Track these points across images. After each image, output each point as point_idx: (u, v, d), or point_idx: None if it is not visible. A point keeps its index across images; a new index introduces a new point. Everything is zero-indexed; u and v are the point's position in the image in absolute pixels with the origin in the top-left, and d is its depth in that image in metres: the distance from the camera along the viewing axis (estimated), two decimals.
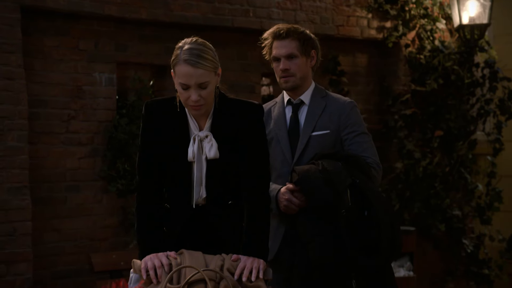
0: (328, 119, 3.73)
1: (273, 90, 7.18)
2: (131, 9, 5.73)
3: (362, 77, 7.16)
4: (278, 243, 3.74)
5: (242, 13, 6.23)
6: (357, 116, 3.77)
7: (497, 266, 7.50)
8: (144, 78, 6.08)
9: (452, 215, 7.28)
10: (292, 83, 3.75)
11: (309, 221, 3.56)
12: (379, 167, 3.73)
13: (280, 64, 3.74)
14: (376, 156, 3.74)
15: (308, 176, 3.55)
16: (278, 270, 3.71)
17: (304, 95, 3.79)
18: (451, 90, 7.26)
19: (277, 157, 3.75)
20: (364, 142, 3.74)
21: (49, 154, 5.58)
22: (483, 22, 7.12)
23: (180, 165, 3.19)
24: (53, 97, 5.58)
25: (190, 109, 3.14)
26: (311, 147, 3.70)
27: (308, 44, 3.75)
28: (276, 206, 3.65)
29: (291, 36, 3.73)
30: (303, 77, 3.76)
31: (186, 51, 3.09)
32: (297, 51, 3.73)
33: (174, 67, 3.13)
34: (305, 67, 3.76)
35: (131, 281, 3.18)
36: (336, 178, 3.52)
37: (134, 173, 5.78)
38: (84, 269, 5.64)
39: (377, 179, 3.73)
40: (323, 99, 3.78)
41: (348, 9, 6.87)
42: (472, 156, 7.39)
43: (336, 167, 3.55)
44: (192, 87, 3.08)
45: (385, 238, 3.48)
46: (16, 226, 5.24)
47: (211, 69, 3.10)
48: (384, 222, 3.49)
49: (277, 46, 3.75)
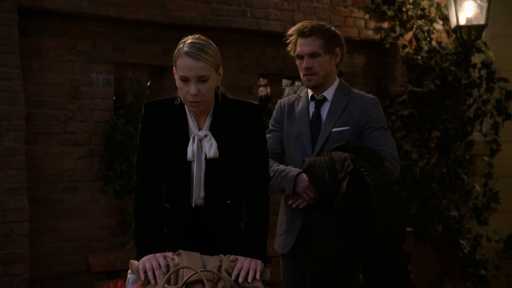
0: (349, 116, 3.76)
1: (270, 91, 7.18)
2: (129, 10, 5.72)
3: (359, 78, 7.17)
4: (294, 238, 3.77)
5: (239, 14, 6.23)
6: (378, 112, 3.80)
7: (494, 267, 7.51)
8: (141, 78, 6.08)
9: (449, 216, 7.29)
10: (314, 82, 3.78)
11: (321, 215, 3.59)
12: (396, 160, 3.74)
13: (303, 62, 3.76)
14: (393, 150, 3.76)
15: (314, 166, 3.62)
16: (293, 265, 3.75)
17: (327, 92, 3.82)
18: (448, 91, 7.27)
19: (298, 151, 3.80)
20: (382, 136, 3.76)
21: (46, 154, 5.57)
22: (480, 23, 7.13)
23: (180, 165, 3.19)
24: (51, 98, 5.58)
25: (189, 105, 3.14)
26: (331, 143, 3.73)
27: (332, 42, 3.77)
28: (292, 186, 3.67)
29: (315, 34, 3.74)
30: (326, 75, 3.79)
31: (188, 45, 3.11)
32: (321, 50, 3.75)
33: (175, 61, 3.14)
34: (328, 65, 3.78)
35: (129, 281, 3.18)
36: (339, 166, 3.55)
37: (132, 173, 5.79)
38: (81, 270, 5.64)
39: (393, 172, 3.73)
40: (346, 96, 3.81)
41: (346, 9, 6.88)
42: (469, 157, 7.40)
43: (341, 156, 3.59)
44: (191, 80, 3.09)
45: (378, 227, 3.48)
46: (14, 227, 5.23)
47: (212, 64, 3.11)
48: (379, 211, 3.49)
49: (301, 43, 3.77)
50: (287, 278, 3.86)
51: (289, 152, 3.86)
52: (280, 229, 3.88)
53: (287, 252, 3.80)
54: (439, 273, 7.42)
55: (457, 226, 7.34)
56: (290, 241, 3.79)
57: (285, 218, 3.86)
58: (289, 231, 3.80)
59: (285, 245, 3.82)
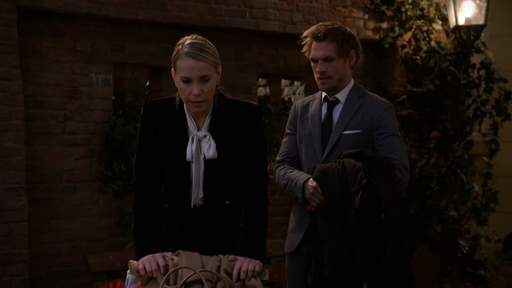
0: (361, 119, 3.75)
1: (269, 91, 7.18)
2: (128, 10, 5.72)
3: (358, 78, 7.16)
4: (300, 238, 3.78)
5: (238, 14, 6.23)
6: (391, 117, 3.79)
7: (493, 267, 7.51)
8: (140, 79, 6.07)
9: (448, 216, 7.28)
10: (328, 85, 3.78)
11: (327, 220, 3.59)
12: (406, 170, 3.73)
13: (318, 66, 3.76)
14: (404, 158, 3.74)
15: (326, 174, 3.61)
16: (297, 264, 3.74)
17: (340, 94, 3.81)
18: (447, 91, 7.27)
19: (308, 153, 3.79)
20: (394, 143, 3.75)
21: (45, 155, 5.57)
22: (479, 23, 7.13)
23: (179, 165, 3.19)
24: (50, 98, 5.57)
25: (191, 106, 3.14)
26: (341, 145, 3.72)
27: (347, 45, 3.77)
28: (302, 195, 3.68)
29: (329, 38, 3.74)
30: (340, 79, 3.78)
31: (187, 45, 3.10)
32: (335, 54, 3.74)
33: (175, 63, 3.13)
34: (342, 68, 3.78)
35: (128, 282, 3.18)
36: (352, 178, 3.54)
37: (131, 173, 5.79)
38: (80, 270, 5.64)
39: (403, 181, 3.73)
40: (360, 98, 3.80)
41: (345, 10, 6.88)
42: (468, 157, 7.39)
43: (355, 166, 3.57)
44: (194, 80, 3.09)
45: (391, 242, 3.48)
46: (13, 227, 5.23)
47: (213, 63, 3.11)
48: (392, 225, 3.49)
49: (315, 47, 3.76)
50: (291, 276, 3.86)
51: (301, 154, 3.86)
52: (289, 227, 3.90)
53: (292, 251, 3.81)
54: (438, 273, 7.42)
55: (456, 226, 7.34)
56: (297, 240, 3.79)
57: (295, 217, 3.87)
58: (296, 230, 3.81)
59: (291, 244, 3.83)
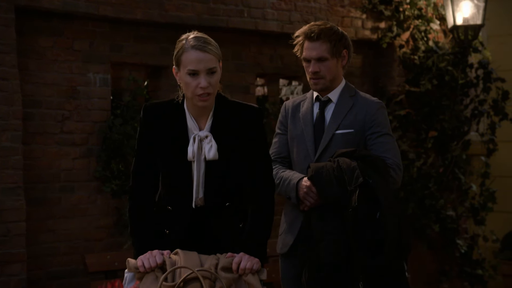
0: (353, 118, 3.74)
1: (267, 90, 7.18)
2: (126, 10, 5.72)
3: (356, 78, 7.17)
4: (293, 238, 3.77)
5: (236, 14, 6.24)
6: (383, 117, 3.78)
7: (491, 267, 7.52)
8: (139, 78, 6.07)
9: (446, 216, 7.29)
10: (321, 85, 3.78)
11: (322, 220, 3.58)
12: (399, 169, 3.73)
13: (310, 66, 3.75)
14: (397, 157, 3.74)
15: (321, 173, 3.60)
16: (291, 265, 3.74)
17: (332, 93, 3.81)
18: (445, 91, 7.27)
19: (301, 152, 3.79)
20: (387, 143, 3.75)
21: (43, 154, 5.57)
22: (477, 23, 7.13)
23: (180, 165, 3.19)
24: (48, 98, 5.57)
25: (197, 100, 3.12)
26: (334, 145, 3.72)
27: (340, 45, 3.76)
28: (295, 194, 3.68)
29: (322, 38, 3.73)
30: (333, 79, 3.78)
31: (192, 39, 3.11)
32: (328, 54, 3.74)
33: (179, 58, 3.12)
34: (335, 68, 3.77)
35: (126, 280, 3.18)
36: (348, 176, 3.54)
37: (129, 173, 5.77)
38: (78, 270, 5.64)
39: (396, 181, 3.73)
40: (351, 98, 3.80)
41: (343, 9, 6.88)
42: (466, 157, 7.40)
43: (350, 165, 3.57)
44: (201, 73, 3.08)
45: (388, 240, 3.48)
46: (10, 227, 5.23)
47: (217, 56, 3.13)
48: (390, 224, 3.49)
49: (308, 47, 3.75)
50: (286, 277, 3.86)
51: (293, 154, 3.85)
52: (281, 228, 3.89)
53: (285, 252, 3.81)
54: (436, 273, 7.43)
55: (454, 226, 7.35)
56: (289, 241, 3.79)
57: (286, 218, 3.86)
58: (289, 231, 3.80)
59: (284, 245, 3.83)
